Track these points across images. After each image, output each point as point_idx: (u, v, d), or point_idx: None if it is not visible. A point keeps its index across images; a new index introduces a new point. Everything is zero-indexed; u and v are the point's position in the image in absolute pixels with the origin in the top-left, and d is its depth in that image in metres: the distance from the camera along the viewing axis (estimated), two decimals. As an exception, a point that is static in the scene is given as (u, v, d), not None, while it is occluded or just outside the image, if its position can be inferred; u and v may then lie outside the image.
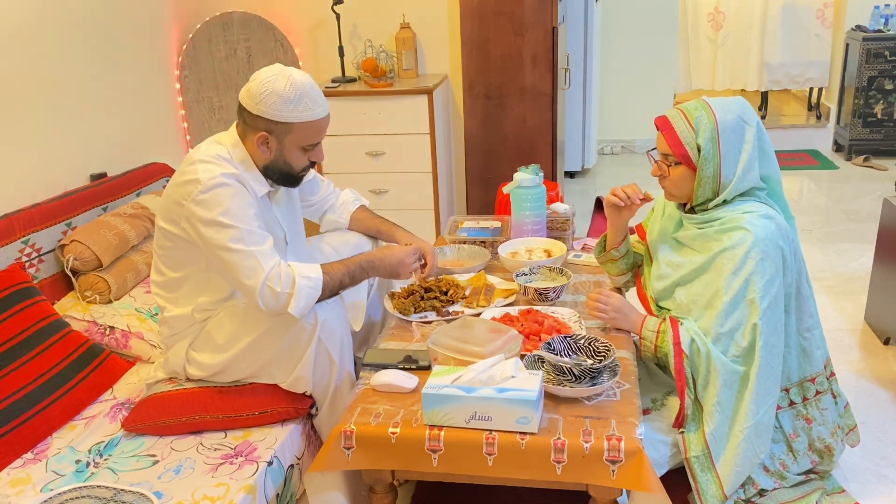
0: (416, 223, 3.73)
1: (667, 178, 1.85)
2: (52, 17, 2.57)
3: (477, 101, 3.61)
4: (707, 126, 1.77)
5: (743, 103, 1.83)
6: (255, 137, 1.80)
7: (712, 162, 1.78)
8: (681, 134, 1.79)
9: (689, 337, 1.77)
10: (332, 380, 1.86)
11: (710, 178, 1.79)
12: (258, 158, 1.84)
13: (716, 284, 1.77)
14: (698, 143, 1.78)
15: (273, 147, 1.82)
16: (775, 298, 1.74)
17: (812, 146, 5.67)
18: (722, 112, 1.78)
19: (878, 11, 5.19)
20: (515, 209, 2.47)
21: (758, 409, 1.73)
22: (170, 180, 1.86)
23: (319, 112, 1.81)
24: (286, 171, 1.87)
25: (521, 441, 1.49)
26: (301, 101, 1.77)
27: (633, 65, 5.64)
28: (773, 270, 1.73)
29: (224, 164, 1.78)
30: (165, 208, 1.83)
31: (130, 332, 2.26)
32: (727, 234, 1.77)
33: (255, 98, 1.77)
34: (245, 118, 1.82)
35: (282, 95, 1.75)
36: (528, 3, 3.42)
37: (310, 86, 1.80)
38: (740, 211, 1.79)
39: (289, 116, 1.77)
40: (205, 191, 1.72)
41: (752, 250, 1.72)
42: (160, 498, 1.60)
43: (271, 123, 1.78)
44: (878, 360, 2.64)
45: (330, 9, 3.66)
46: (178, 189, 1.77)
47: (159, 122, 3.30)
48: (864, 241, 3.74)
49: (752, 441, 1.74)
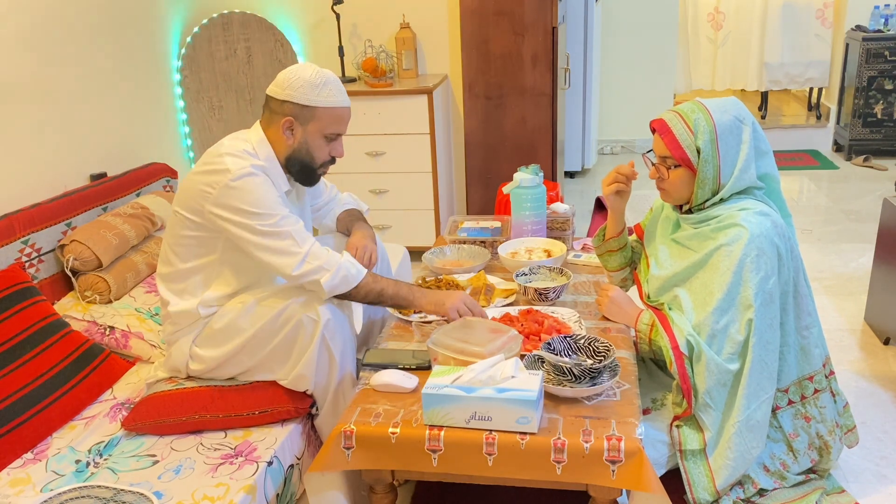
0: (416, 223, 3.74)
1: (665, 180, 1.85)
2: (52, 18, 2.57)
3: (477, 101, 3.61)
4: (706, 128, 1.77)
5: (737, 103, 1.83)
6: (281, 123, 1.87)
7: (712, 163, 1.78)
8: (680, 137, 1.79)
9: (683, 339, 1.77)
10: (333, 380, 1.86)
11: (711, 180, 1.80)
12: (282, 147, 1.90)
13: (711, 281, 1.78)
14: (698, 145, 1.78)
15: (297, 134, 1.88)
16: (770, 295, 1.74)
17: (812, 146, 5.67)
18: (719, 113, 1.79)
19: (878, 11, 5.19)
20: (515, 209, 2.47)
21: (749, 404, 1.74)
22: (192, 169, 1.89)
23: (342, 100, 1.90)
24: (307, 161, 1.92)
25: (521, 441, 1.49)
26: (325, 87, 1.86)
27: (633, 65, 5.64)
28: (769, 267, 1.74)
29: (251, 157, 1.84)
30: (187, 197, 1.85)
31: (130, 332, 2.26)
32: (723, 232, 1.78)
33: (281, 85, 1.86)
34: (272, 106, 1.89)
35: (308, 80, 1.84)
36: (528, 3, 3.42)
37: (333, 76, 1.91)
38: (736, 208, 1.80)
39: (314, 100, 1.85)
40: (235, 179, 1.78)
41: (748, 247, 1.73)
42: (160, 498, 1.60)
43: (297, 107, 1.85)
44: (878, 360, 2.64)
45: (330, 9, 3.66)
46: (205, 178, 1.81)
47: (159, 122, 3.30)
48: (864, 241, 3.74)
49: (745, 436, 1.74)
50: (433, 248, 2.44)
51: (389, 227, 3.77)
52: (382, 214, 3.74)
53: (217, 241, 1.86)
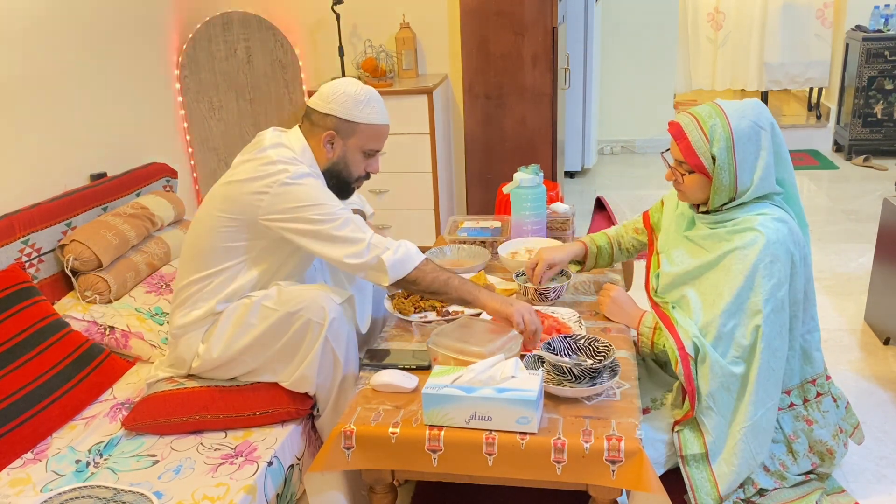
0: (416, 223, 3.74)
1: (682, 184, 1.84)
2: (52, 18, 2.57)
3: (477, 101, 3.61)
4: (722, 135, 1.73)
5: (758, 106, 1.79)
6: (323, 136, 1.88)
7: (728, 171, 1.75)
8: (695, 144, 1.75)
9: (689, 340, 1.77)
10: (336, 381, 1.86)
11: (727, 187, 1.77)
12: (321, 159, 1.91)
13: (722, 283, 1.77)
14: (713, 152, 1.74)
15: (337, 148, 1.90)
16: (781, 302, 1.73)
17: (812, 146, 5.68)
18: (737, 119, 1.74)
19: (878, 11, 5.19)
20: (515, 209, 2.47)
21: (756, 411, 1.74)
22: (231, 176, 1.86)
23: (384, 118, 1.93)
24: (344, 175, 1.94)
25: (521, 441, 1.49)
26: (369, 104, 1.88)
27: (633, 65, 5.64)
28: (782, 275, 1.72)
29: (300, 164, 1.85)
30: (231, 203, 1.83)
31: (130, 332, 2.26)
32: (739, 235, 1.76)
33: (326, 98, 1.87)
34: (313, 119, 1.90)
35: (353, 96, 1.86)
36: (528, 3, 3.42)
37: (377, 94, 1.91)
38: (755, 213, 1.77)
39: (357, 116, 1.86)
40: (295, 177, 1.79)
41: (763, 252, 1.71)
42: (160, 498, 1.60)
43: (340, 122, 1.87)
44: (878, 360, 2.64)
45: (330, 9, 3.66)
46: (256, 183, 1.79)
47: (159, 122, 3.30)
48: (864, 241, 3.74)
49: (750, 442, 1.74)
50: (433, 248, 2.44)
51: (389, 227, 3.77)
52: (382, 214, 3.74)
53: (254, 245, 1.86)
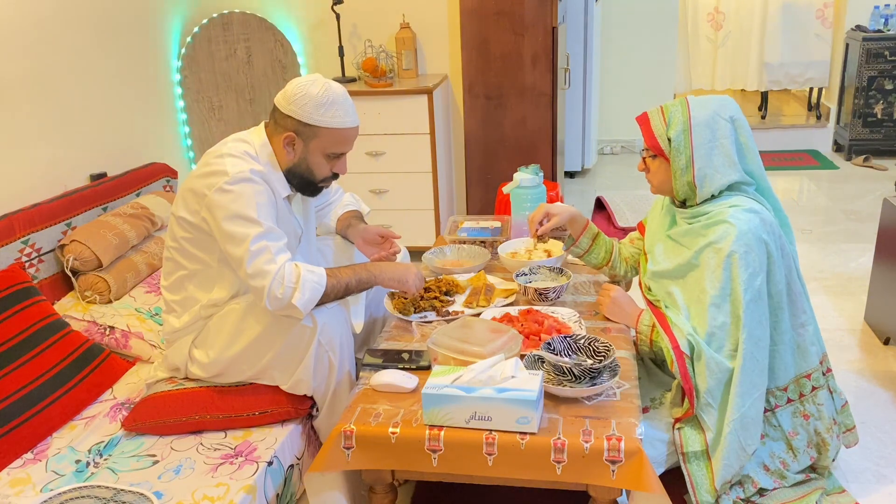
0: (416, 223, 3.74)
1: (648, 171, 1.92)
2: (52, 18, 2.57)
3: (477, 101, 3.61)
4: (679, 119, 1.83)
5: (725, 100, 1.87)
6: (283, 137, 1.83)
7: (684, 154, 1.82)
8: (654, 128, 1.87)
9: (684, 339, 1.77)
10: (332, 381, 1.86)
11: (684, 170, 1.83)
12: (283, 160, 1.87)
13: (704, 279, 1.79)
14: (669, 135, 1.83)
15: (298, 150, 1.85)
16: (758, 292, 1.76)
17: (812, 146, 5.67)
18: (698, 108, 1.83)
19: (878, 11, 5.19)
20: (515, 209, 2.47)
21: (743, 402, 1.74)
22: (191, 172, 1.87)
23: (348, 122, 1.84)
24: (307, 177, 1.89)
25: (521, 441, 1.49)
26: (331, 108, 1.81)
27: (633, 65, 5.64)
28: (757, 264, 1.75)
29: (252, 161, 1.81)
30: (185, 198, 1.84)
31: (130, 332, 2.26)
32: (712, 229, 1.80)
33: (288, 98, 1.82)
34: (276, 118, 1.86)
35: (314, 98, 1.79)
36: (528, 3, 3.42)
37: (343, 96, 1.84)
38: (726, 205, 1.82)
39: (318, 120, 1.81)
40: (231, 182, 1.74)
41: (735, 244, 1.74)
42: (160, 498, 1.60)
43: (300, 125, 1.81)
44: (877, 360, 2.64)
45: (330, 9, 3.66)
46: (202, 180, 1.79)
47: (159, 122, 3.30)
48: (864, 241, 3.74)
49: (739, 434, 1.75)
50: (433, 248, 2.44)
51: (389, 227, 3.76)
52: (382, 214, 3.74)
53: (215, 242, 1.83)
